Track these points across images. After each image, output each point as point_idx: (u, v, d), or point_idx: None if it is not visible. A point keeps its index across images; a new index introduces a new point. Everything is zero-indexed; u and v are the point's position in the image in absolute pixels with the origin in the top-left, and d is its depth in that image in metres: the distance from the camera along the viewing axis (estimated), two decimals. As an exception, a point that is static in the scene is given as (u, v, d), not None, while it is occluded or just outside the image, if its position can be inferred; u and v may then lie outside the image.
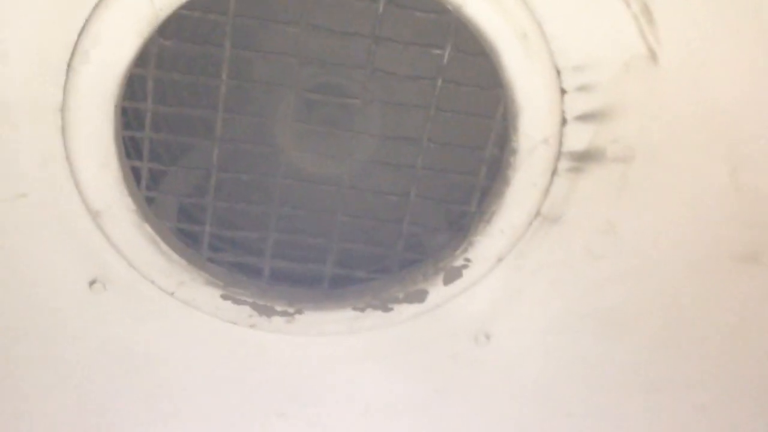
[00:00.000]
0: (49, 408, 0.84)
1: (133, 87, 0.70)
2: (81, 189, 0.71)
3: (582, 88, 0.72)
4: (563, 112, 0.73)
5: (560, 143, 0.75)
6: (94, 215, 0.73)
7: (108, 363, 0.82)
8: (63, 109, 0.67)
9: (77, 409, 0.85)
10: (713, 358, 0.89)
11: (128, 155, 0.72)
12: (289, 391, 0.85)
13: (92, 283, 0.78)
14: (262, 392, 0.85)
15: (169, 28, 0.67)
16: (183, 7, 0.64)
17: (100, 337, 0.80)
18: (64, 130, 0.68)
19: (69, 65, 0.66)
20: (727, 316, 0.86)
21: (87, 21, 0.64)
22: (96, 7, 0.63)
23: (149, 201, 0.75)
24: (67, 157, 0.70)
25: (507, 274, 0.81)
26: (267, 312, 0.80)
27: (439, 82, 0.72)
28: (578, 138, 0.75)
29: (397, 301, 0.81)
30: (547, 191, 0.77)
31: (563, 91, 0.72)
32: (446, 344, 0.85)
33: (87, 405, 0.84)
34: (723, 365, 0.90)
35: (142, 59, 0.67)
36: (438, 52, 0.71)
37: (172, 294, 0.78)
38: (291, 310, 0.80)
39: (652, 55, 0.72)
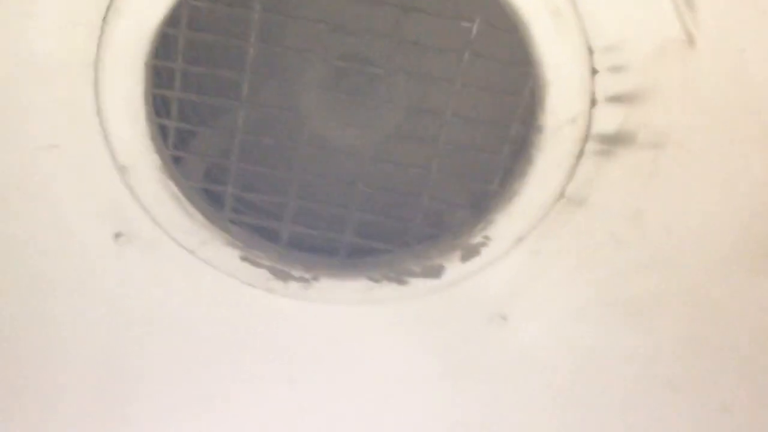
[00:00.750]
0: (68, 357, 0.86)
1: (167, 46, 0.71)
2: (109, 143, 0.72)
3: (614, 69, 0.70)
4: (593, 92, 0.71)
5: (589, 124, 0.72)
6: (121, 170, 0.74)
7: (127, 319, 0.83)
8: (96, 63, 0.68)
9: (94, 358, 0.86)
10: (738, 357, 0.86)
11: (158, 114, 0.73)
12: (301, 358, 0.86)
13: (118, 236, 0.79)
14: (274, 357, 0.85)
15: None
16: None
17: (120, 293, 0.82)
18: (96, 84, 0.70)
19: (104, 20, 0.67)
20: (755, 314, 0.82)
21: (121, -24, 0.65)
22: (130, -38, 0.64)
23: (176, 161, 0.76)
24: (98, 112, 0.71)
25: (526, 256, 0.79)
26: (284, 277, 0.80)
27: (466, 55, 0.70)
28: (608, 120, 0.72)
29: (413, 274, 0.80)
30: (572, 173, 0.75)
31: (594, 71, 0.70)
32: (461, 323, 0.83)
33: (102, 356, 0.86)
34: (748, 365, 0.86)
35: (174, 19, 0.68)
36: (467, 24, 0.69)
37: (192, 252, 0.79)
38: (307, 276, 0.80)
39: (690, 39, 0.69)
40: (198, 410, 0.90)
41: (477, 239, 0.78)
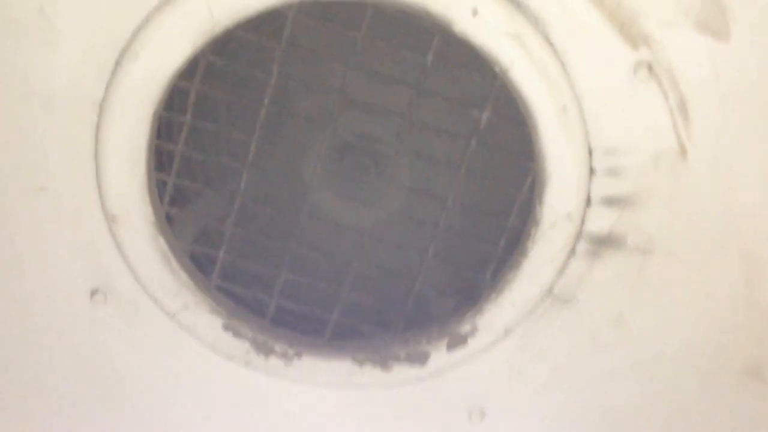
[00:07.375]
0: (23, 409, 0.69)
1: (176, 100, 0.62)
2: (103, 190, 0.62)
3: (611, 172, 0.64)
4: (589, 191, 0.65)
5: (582, 223, 0.66)
6: (110, 220, 0.63)
7: (92, 381, 0.69)
8: (102, 106, 0.59)
9: (52, 415, 0.70)
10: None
11: (159, 167, 0.63)
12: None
13: (94, 293, 0.66)
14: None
15: (219, 46, 0.60)
16: (239, 26, 0.57)
17: (89, 352, 0.68)
18: (98, 127, 0.60)
19: (117, 62, 0.58)
20: (728, 430, 0.73)
21: (144, 20, 0.57)
22: (156, 8, 0.56)
23: (169, 218, 0.65)
24: (96, 156, 0.61)
25: (512, 351, 0.70)
26: (265, 351, 0.68)
27: (473, 142, 0.64)
28: (600, 221, 0.66)
29: (398, 360, 0.69)
30: (562, 270, 0.67)
31: (592, 171, 0.64)
32: (440, 415, 0.72)
33: (62, 413, 0.70)
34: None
35: (188, 71, 0.59)
36: (476, 113, 0.62)
37: (173, 316, 0.66)
38: (290, 352, 0.68)
39: (682, 151, 0.64)
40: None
41: (465, 328, 0.68)
